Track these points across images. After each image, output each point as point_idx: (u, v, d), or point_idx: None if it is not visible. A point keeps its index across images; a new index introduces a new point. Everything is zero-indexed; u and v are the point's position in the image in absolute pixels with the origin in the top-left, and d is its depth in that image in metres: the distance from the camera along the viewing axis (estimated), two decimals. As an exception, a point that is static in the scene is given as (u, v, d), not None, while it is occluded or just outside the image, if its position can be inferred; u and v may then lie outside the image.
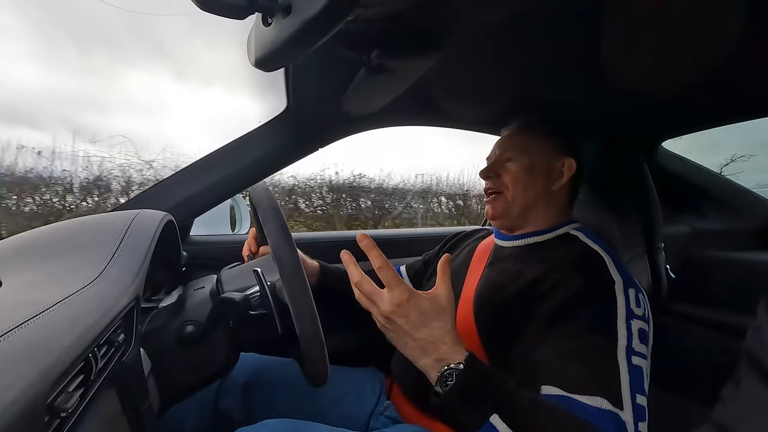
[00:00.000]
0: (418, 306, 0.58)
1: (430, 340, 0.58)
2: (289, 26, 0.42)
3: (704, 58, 0.71)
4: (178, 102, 6.79)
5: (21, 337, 0.33)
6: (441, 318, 0.59)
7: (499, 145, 0.88)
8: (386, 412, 0.87)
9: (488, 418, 0.54)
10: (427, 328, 0.58)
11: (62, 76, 5.45)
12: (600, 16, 0.62)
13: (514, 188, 0.82)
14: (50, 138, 4.92)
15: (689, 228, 1.30)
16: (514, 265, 0.80)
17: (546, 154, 0.83)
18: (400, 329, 0.58)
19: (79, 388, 0.37)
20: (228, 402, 0.85)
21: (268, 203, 0.68)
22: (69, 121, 5.37)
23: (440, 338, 0.58)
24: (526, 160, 0.82)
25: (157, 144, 5.84)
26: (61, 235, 0.61)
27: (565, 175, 0.82)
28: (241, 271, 0.77)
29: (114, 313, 0.44)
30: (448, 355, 0.57)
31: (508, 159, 0.84)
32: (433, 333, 0.58)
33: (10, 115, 4.49)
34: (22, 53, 5.05)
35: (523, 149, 0.83)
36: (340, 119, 1.05)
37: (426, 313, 0.58)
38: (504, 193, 0.84)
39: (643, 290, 0.69)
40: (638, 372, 0.59)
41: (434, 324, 0.58)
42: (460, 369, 0.55)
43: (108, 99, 5.61)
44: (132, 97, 5.78)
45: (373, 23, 0.61)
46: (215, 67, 6.98)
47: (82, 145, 3.88)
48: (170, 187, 1.02)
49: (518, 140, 0.85)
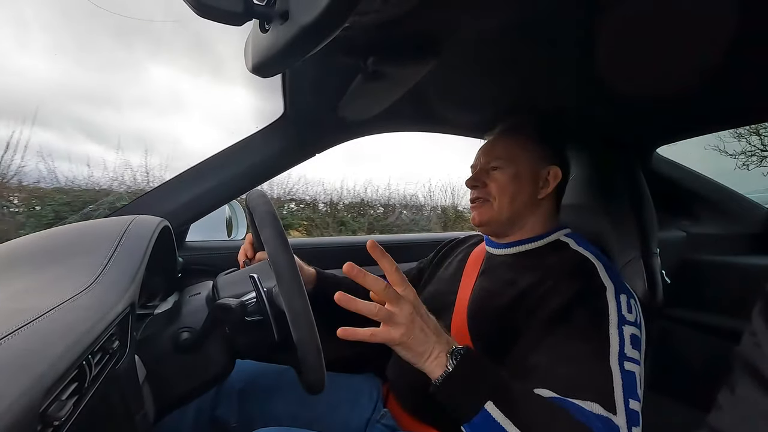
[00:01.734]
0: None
1: (436, 330, 0.60)
2: (286, 33, 0.42)
3: (699, 64, 0.72)
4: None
5: (14, 345, 0.32)
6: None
7: (484, 153, 0.88)
8: (383, 420, 0.86)
9: (483, 405, 0.54)
10: (431, 319, 0.61)
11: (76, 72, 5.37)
12: (595, 22, 0.63)
13: (501, 197, 0.82)
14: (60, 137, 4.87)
15: (684, 233, 1.31)
16: (506, 273, 0.80)
17: (532, 162, 0.83)
18: (418, 320, 0.59)
19: (73, 396, 0.36)
20: (224, 409, 0.85)
21: (264, 209, 0.68)
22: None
23: (439, 328, 0.61)
24: (512, 169, 0.82)
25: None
26: (56, 241, 0.61)
27: (551, 184, 0.83)
28: (238, 277, 0.77)
29: (109, 320, 0.44)
30: (450, 341, 0.61)
31: (494, 168, 0.84)
32: (436, 324, 0.61)
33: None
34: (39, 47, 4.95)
35: (509, 157, 0.83)
36: (337, 125, 1.05)
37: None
38: (490, 201, 0.83)
39: (635, 296, 0.70)
40: (631, 377, 0.59)
41: (432, 316, 0.62)
42: (463, 351, 0.59)
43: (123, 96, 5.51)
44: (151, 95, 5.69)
45: (369, 30, 0.61)
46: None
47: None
48: (166, 193, 1.02)
49: (504, 148, 0.85)
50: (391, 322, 0.57)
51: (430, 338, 0.58)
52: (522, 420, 0.53)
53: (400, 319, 0.57)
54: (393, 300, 0.57)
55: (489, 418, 0.54)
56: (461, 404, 0.57)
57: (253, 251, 0.93)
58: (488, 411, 0.54)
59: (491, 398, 0.55)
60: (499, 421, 0.53)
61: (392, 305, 0.57)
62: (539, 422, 0.54)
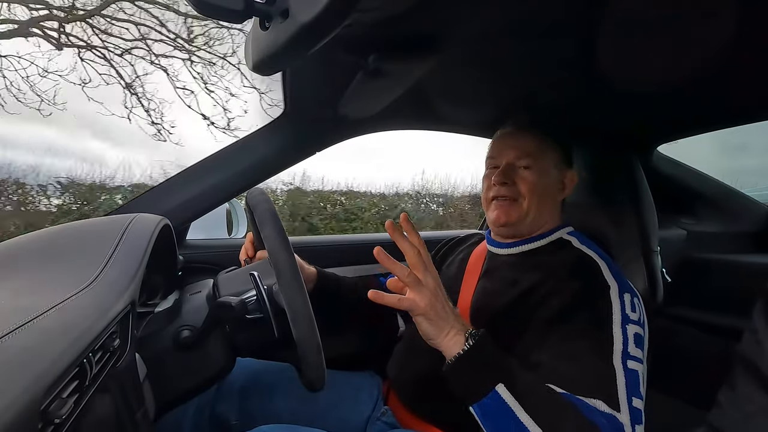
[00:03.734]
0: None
1: (455, 312, 0.62)
2: (286, 30, 0.42)
3: (699, 62, 0.71)
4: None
5: (15, 343, 0.32)
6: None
7: (508, 147, 0.83)
8: (383, 418, 0.86)
9: (495, 387, 0.55)
10: (449, 303, 0.63)
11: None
12: (596, 19, 0.62)
13: (531, 198, 0.79)
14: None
15: (685, 231, 1.31)
16: (509, 273, 0.80)
17: (556, 164, 0.83)
18: (441, 294, 0.61)
19: (74, 394, 0.36)
20: (224, 407, 0.85)
21: (264, 207, 0.68)
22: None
23: (457, 312, 0.63)
24: (541, 169, 0.80)
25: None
26: (57, 240, 0.61)
27: (567, 188, 0.83)
28: (238, 275, 0.77)
29: (109, 318, 0.44)
30: (466, 325, 0.62)
31: (525, 166, 0.80)
32: (453, 308, 0.63)
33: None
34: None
35: (537, 156, 0.81)
36: (338, 123, 1.05)
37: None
38: (519, 201, 0.80)
39: (638, 294, 0.70)
40: (634, 375, 0.59)
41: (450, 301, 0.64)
42: (480, 333, 0.60)
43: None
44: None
45: (370, 27, 0.61)
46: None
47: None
48: (167, 191, 1.02)
49: (531, 144, 0.82)
50: (419, 289, 0.58)
51: (450, 316, 0.60)
52: (531, 405, 0.54)
53: (427, 287, 0.59)
54: (422, 269, 0.59)
55: (500, 399, 0.55)
56: (473, 384, 0.58)
57: (254, 249, 0.93)
58: (499, 393, 0.55)
59: (503, 381, 0.56)
60: (509, 404, 0.54)
61: (420, 273, 0.59)
62: (547, 411, 0.54)
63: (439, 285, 0.61)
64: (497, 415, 0.55)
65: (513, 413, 0.54)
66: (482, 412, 0.57)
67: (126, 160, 3.94)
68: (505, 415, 0.54)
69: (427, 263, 0.60)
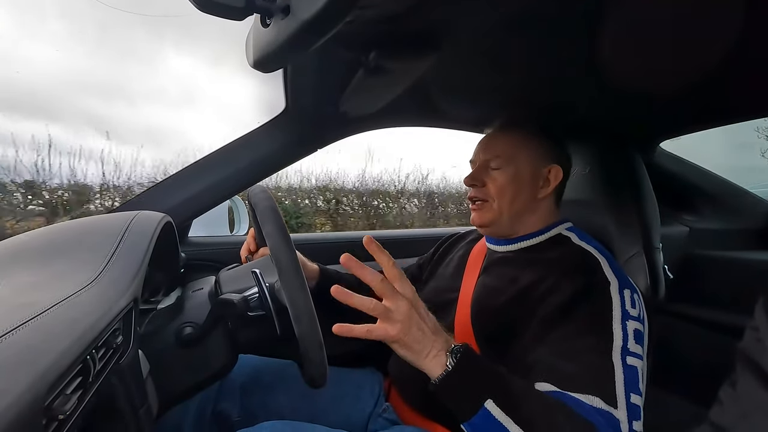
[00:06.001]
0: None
1: (435, 328, 0.59)
2: (287, 27, 0.42)
3: (702, 58, 0.71)
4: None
5: (18, 340, 0.33)
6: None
7: (483, 148, 0.85)
8: (385, 414, 0.87)
9: (483, 404, 0.54)
10: (430, 318, 0.60)
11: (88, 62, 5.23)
12: (598, 16, 0.62)
13: (500, 199, 0.80)
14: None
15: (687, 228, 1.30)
16: (508, 270, 0.80)
17: (532, 161, 0.81)
18: (415, 317, 0.57)
19: (77, 391, 0.36)
20: (226, 404, 0.85)
21: (266, 204, 0.68)
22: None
23: (438, 327, 0.60)
24: (512, 169, 0.80)
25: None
26: (59, 237, 0.61)
27: (551, 183, 0.82)
28: (240, 272, 0.77)
29: (112, 315, 0.44)
30: (449, 339, 0.59)
31: (495, 167, 0.81)
32: (435, 322, 0.60)
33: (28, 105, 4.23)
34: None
35: (509, 156, 0.81)
36: (339, 120, 1.05)
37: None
38: (489, 202, 0.82)
39: (638, 291, 0.70)
40: (633, 372, 0.59)
41: (431, 314, 0.61)
42: (462, 349, 0.57)
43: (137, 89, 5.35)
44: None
45: (371, 24, 0.61)
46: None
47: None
48: (169, 189, 1.02)
49: (504, 145, 0.83)
50: (388, 319, 0.55)
51: (428, 337, 0.57)
52: (522, 417, 0.53)
53: (397, 315, 0.55)
54: (390, 296, 0.56)
55: (489, 416, 0.53)
56: (461, 403, 0.56)
57: (256, 246, 0.93)
58: (488, 409, 0.54)
59: (491, 396, 0.54)
60: (500, 420, 0.53)
61: (389, 301, 0.56)
62: (540, 418, 0.54)
63: (416, 304, 0.58)
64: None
65: (505, 429, 0.53)
66: (473, 430, 0.56)
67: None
68: (497, 431, 0.53)
69: (400, 283, 0.57)
